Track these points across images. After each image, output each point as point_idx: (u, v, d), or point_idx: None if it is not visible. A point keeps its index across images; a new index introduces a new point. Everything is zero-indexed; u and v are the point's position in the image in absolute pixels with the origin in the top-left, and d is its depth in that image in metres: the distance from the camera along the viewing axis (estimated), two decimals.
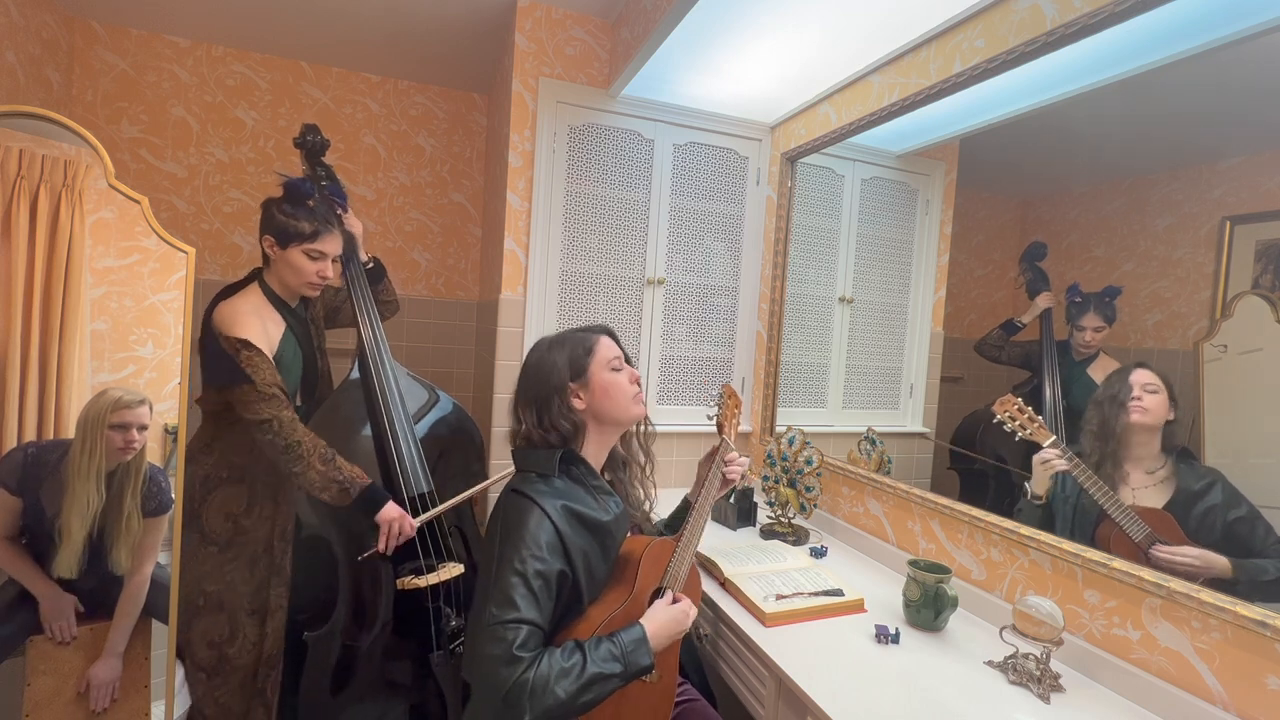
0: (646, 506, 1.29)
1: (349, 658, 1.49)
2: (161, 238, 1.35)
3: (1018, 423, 1.29)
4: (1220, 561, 1.00)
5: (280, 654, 1.50)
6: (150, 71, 2.37)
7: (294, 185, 1.48)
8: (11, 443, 1.26)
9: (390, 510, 1.39)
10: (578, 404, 1.11)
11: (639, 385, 1.17)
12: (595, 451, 1.15)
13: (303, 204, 1.48)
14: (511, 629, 0.91)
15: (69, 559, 1.28)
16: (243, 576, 1.47)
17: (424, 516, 1.46)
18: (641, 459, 1.26)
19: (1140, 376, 1.17)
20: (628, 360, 1.18)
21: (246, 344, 1.36)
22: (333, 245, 1.51)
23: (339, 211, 1.59)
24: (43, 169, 1.27)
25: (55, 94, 2.17)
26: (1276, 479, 0.98)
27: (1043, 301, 1.42)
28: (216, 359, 1.37)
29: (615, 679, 0.94)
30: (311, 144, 1.65)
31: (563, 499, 1.04)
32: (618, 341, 1.19)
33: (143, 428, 1.32)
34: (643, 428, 1.25)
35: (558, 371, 1.11)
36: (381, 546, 1.38)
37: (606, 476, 1.19)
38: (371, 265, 1.70)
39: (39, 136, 1.26)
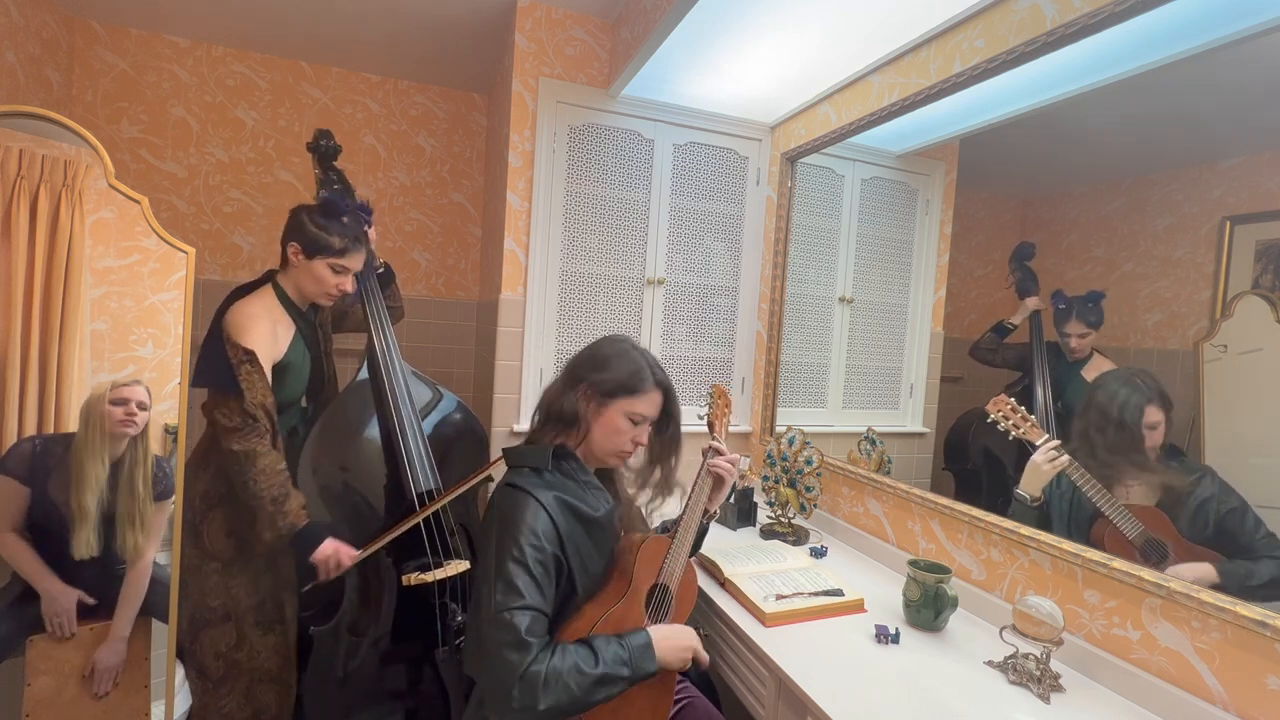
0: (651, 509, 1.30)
1: (354, 653, 1.49)
2: (161, 238, 1.35)
3: (1010, 422, 1.29)
4: (1206, 570, 1.01)
5: (294, 663, 1.51)
6: (150, 71, 2.37)
7: (331, 202, 1.51)
8: (12, 442, 1.26)
9: (323, 550, 1.37)
10: (582, 408, 1.14)
11: (637, 448, 1.18)
12: (587, 455, 1.17)
13: (336, 219, 1.50)
14: (518, 614, 0.92)
15: (86, 536, 1.29)
16: (247, 590, 1.48)
17: (373, 545, 1.42)
18: (646, 498, 1.27)
19: (1151, 416, 1.15)
20: (662, 424, 1.19)
21: (251, 358, 1.36)
22: (357, 262, 1.54)
23: (366, 228, 1.60)
24: (43, 169, 1.27)
25: (55, 94, 2.17)
26: (1276, 479, 0.99)
27: (1031, 304, 1.43)
28: (216, 361, 1.36)
29: (623, 682, 0.96)
30: (324, 148, 1.66)
31: (555, 490, 1.06)
32: (667, 403, 1.19)
33: (141, 405, 1.33)
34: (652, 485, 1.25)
35: (599, 372, 1.14)
36: (321, 578, 1.39)
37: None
38: (382, 270, 1.72)
39: (39, 136, 1.26)
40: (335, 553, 1.38)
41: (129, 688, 1.37)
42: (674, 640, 1.06)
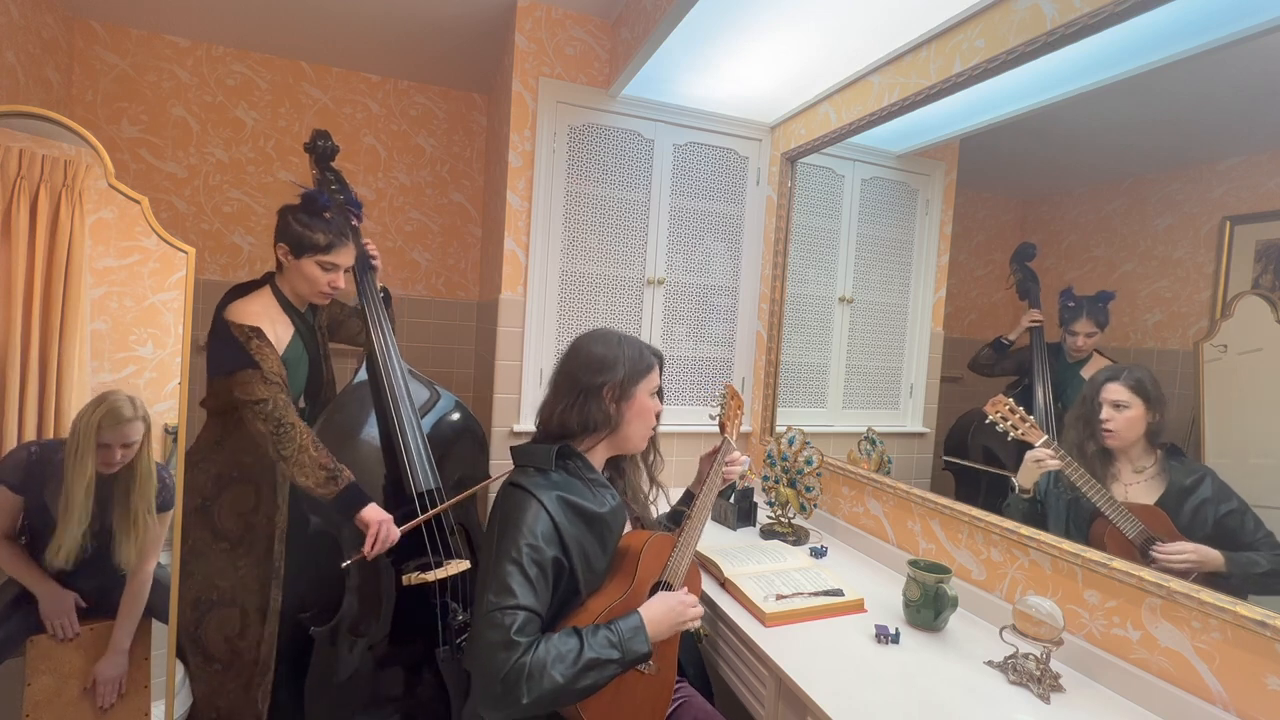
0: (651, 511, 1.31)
1: (355, 652, 1.49)
2: (161, 238, 1.35)
3: (1009, 423, 1.30)
4: (1214, 555, 1.01)
5: (273, 658, 1.51)
6: (150, 71, 2.37)
7: (312, 197, 1.50)
8: (11, 443, 1.26)
9: (377, 513, 1.38)
10: (613, 410, 1.14)
11: (658, 422, 1.22)
12: (597, 455, 1.18)
13: (319, 215, 1.50)
14: (509, 614, 0.93)
15: (63, 556, 1.27)
16: (253, 573, 1.50)
17: (417, 520, 1.44)
18: (647, 486, 1.29)
19: (1109, 393, 1.18)
20: (660, 394, 1.22)
21: (259, 333, 1.40)
22: (345, 258, 1.53)
23: (354, 222, 1.60)
24: (43, 169, 1.27)
25: (55, 94, 2.17)
26: (1276, 479, 0.99)
27: (1026, 321, 1.44)
28: (224, 346, 1.39)
29: (613, 665, 0.96)
30: (322, 149, 1.66)
31: (558, 490, 1.06)
32: (661, 373, 1.23)
33: (127, 445, 1.30)
34: (651, 455, 1.27)
35: (615, 370, 1.14)
36: (367, 549, 1.37)
37: (606, 474, 1.20)
38: (383, 294, 1.71)
39: (39, 136, 1.26)
40: (389, 521, 1.38)
41: (129, 688, 1.37)
42: (666, 612, 1.06)
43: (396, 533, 1.40)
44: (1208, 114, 1.14)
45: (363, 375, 1.61)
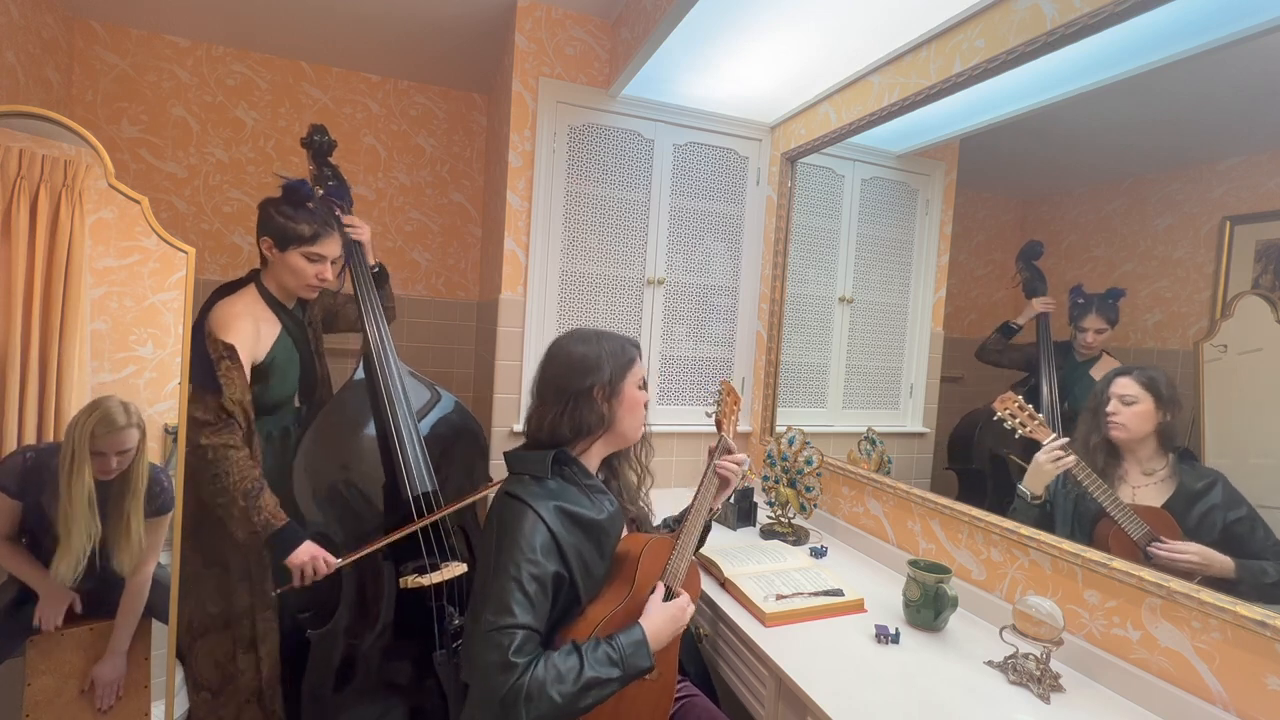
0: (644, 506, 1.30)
1: (351, 656, 1.49)
2: (161, 238, 1.35)
3: (1018, 420, 1.29)
4: (1222, 560, 1.00)
5: (278, 674, 1.48)
6: (150, 71, 2.37)
7: (293, 187, 1.47)
8: (11, 443, 1.26)
9: (300, 554, 1.34)
10: (606, 410, 1.13)
11: (646, 411, 1.22)
12: (593, 456, 1.16)
13: (302, 206, 1.47)
14: (507, 634, 0.91)
15: (68, 565, 1.26)
16: (241, 599, 1.46)
17: (409, 528, 1.43)
18: (635, 478, 1.27)
19: (1119, 387, 1.18)
20: (645, 384, 1.22)
21: (231, 353, 1.35)
22: (331, 248, 1.49)
23: (338, 212, 1.58)
24: (43, 169, 1.27)
25: (55, 94, 2.17)
26: (1277, 479, 0.99)
27: (1037, 305, 1.42)
28: (200, 359, 1.36)
29: (613, 683, 0.94)
30: (319, 144, 1.65)
31: (555, 499, 1.04)
32: (642, 362, 1.23)
33: (122, 452, 1.29)
34: (641, 446, 1.26)
35: (601, 370, 1.13)
36: (296, 582, 1.35)
37: (600, 476, 1.19)
38: (377, 269, 1.69)
39: (39, 136, 1.26)
40: (313, 559, 1.35)
41: (129, 688, 1.37)
42: (666, 621, 1.05)
43: (325, 567, 1.36)
44: (1208, 114, 1.14)
45: (361, 374, 1.60)
